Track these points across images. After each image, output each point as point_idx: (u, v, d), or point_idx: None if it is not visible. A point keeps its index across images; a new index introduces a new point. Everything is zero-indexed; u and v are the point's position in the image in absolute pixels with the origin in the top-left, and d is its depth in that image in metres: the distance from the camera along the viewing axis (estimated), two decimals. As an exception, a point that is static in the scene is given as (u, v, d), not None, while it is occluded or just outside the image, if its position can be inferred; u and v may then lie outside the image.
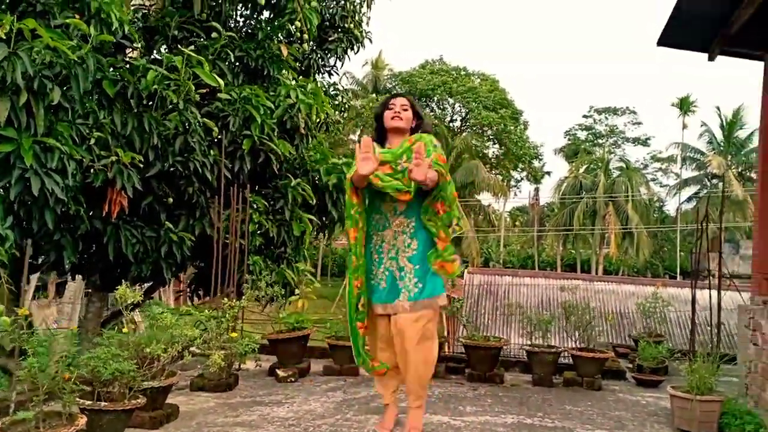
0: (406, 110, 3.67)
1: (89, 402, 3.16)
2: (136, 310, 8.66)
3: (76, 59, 3.91)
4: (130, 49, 5.80)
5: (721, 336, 6.16)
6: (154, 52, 6.34)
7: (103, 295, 6.92)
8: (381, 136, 3.76)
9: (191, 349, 4.51)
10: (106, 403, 3.20)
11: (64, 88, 4.06)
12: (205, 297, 7.71)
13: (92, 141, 4.75)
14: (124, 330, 3.69)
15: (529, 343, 5.69)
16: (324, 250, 37.58)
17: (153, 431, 3.71)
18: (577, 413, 4.50)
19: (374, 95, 38.54)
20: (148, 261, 5.92)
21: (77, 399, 3.08)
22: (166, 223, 5.86)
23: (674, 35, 5.01)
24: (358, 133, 35.46)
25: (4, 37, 3.67)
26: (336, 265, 40.24)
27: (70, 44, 3.93)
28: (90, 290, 7.05)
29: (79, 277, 7.37)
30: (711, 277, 6.36)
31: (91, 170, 4.84)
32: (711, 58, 5.23)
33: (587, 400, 4.95)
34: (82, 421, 2.89)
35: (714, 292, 5.18)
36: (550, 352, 5.45)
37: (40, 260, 5.60)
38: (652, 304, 6.25)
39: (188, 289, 7.65)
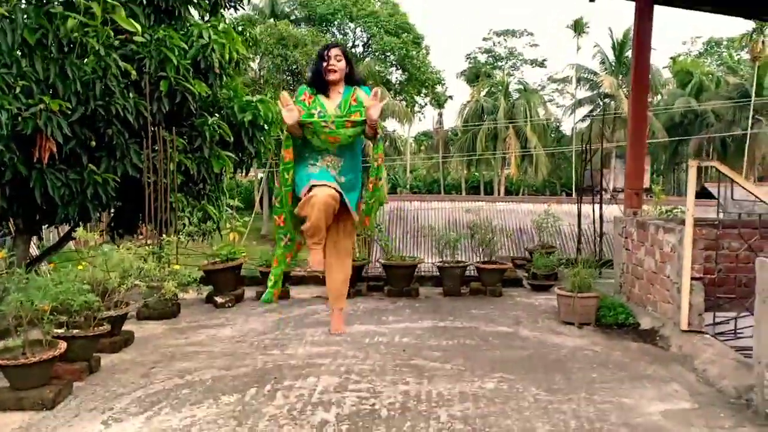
0: (339, 60, 4.22)
1: (61, 331, 3.56)
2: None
3: (5, 14, 4.03)
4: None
5: (603, 245, 7.15)
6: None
7: (27, 238, 7.04)
8: (320, 84, 4.26)
9: (137, 281, 4.89)
10: (77, 331, 3.60)
11: (-7, 41, 4.17)
12: (126, 235, 7.95)
13: (18, 90, 4.87)
14: (80, 267, 4.03)
15: (440, 260, 6.41)
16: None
17: (114, 354, 4.15)
18: (481, 315, 5.30)
19: (272, 20, 37.52)
20: (74, 203, 6.11)
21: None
22: (89, 165, 6.04)
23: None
24: (257, 61, 34.61)
25: (-67, -6, 3.75)
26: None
27: (-3, -1, 4.03)
28: (14, 234, 7.13)
29: None
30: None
31: (20, 118, 4.97)
32: (592, 0, 5.89)
33: (490, 304, 5.77)
34: (63, 345, 3.30)
35: (592, 207, 6.02)
36: (458, 267, 6.21)
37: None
38: (545, 219, 7.10)
39: (108, 228, 7.86)
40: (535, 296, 6.19)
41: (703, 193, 25.06)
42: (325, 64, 4.19)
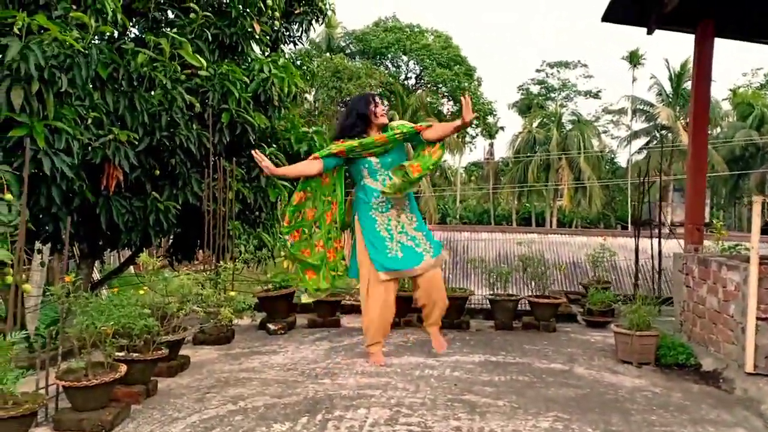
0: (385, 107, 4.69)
1: (122, 354, 3.67)
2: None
3: (81, 49, 4.27)
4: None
5: (662, 281, 6.96)
6: (133, 31, 6.62)
7: (90, 262, 7.32)
8: (362, 125, 4.68)
9: (195, 307, 5.02)
10: (136, 355, 3.71)
11: (69, 75, 4.42)
12: (184, 261, 8.19)
13: (89, 121, 5.12)
14: (141, 291, 4.17)
15: (491, 293, 6.36)
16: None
17: (170, 378, 4.25)
18: (534, 351, 5.21)
19: (328, 54, 38.40)
20: (137, 229, 6.34)
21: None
22: (153, 193, 6.27)
23: (616, 13, 5.60)
24: (313, 92, 35.38)
25: (18, 32, 4.01)
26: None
27: (75, 36, 4.28)
28: (78, 258, 7.42)
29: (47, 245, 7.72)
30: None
31: (90, 148, 5.22)
32: (649, 33, 5.84)
33: (543, 340, 5.66)
34: (124, 368, 3.40)
35: (651, 241, 5.88)
36: (510, 300, 6.14)
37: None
38: (600, 253, 6.97)
39: (167, 253, 8.11)
40: (590, 333, 6.05)
41: (765, 230, 24.18)
42: (374, 107, 4.62)
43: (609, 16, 5.63)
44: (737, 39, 5.79)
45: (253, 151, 4.67)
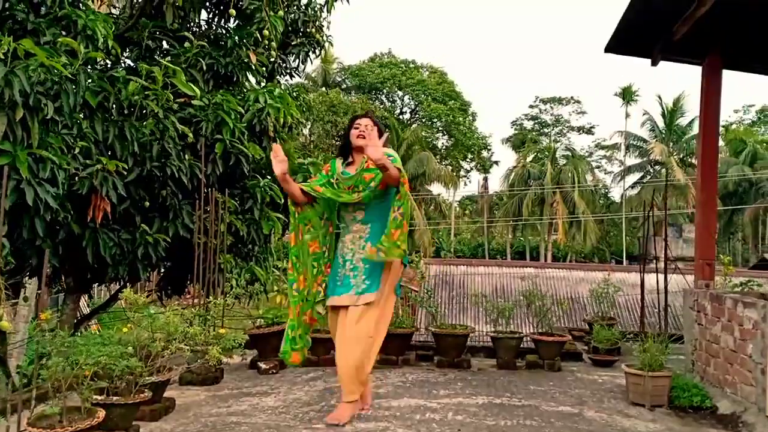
0: (370, 129, 4.06)
1: (101, 397, 3.42)
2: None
3: (69, 75, 4.10)
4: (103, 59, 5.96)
5: (668, 317, 6.74)
6: (126, 60, 6.49)
7: (76, 296, 7.06)
8: (345, 151, 4.21)
9: (181, 345, 4.76)
10: (117, 398, 3.46)
11: (56, 102, 4.24)
12: (174, 295, 7.93)
13: (77, 150, 4.93)
14: (124, 329, 3.93)
15: (492, 329, 6.12)
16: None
17: (153, 422, 3.97)
18: (540, 392, 4.95)
19: (324, 89, 38.63)
20: (124, 263, 6.10)
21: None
22: (142, 225, 6.06)
23: (620, 44, 5.49)
24: (309, 126, 35.46)
25: (2, 57, 3.84)
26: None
27: (62, 61, 4.12)
28: (64, 293, 7.16)
29: (34, 279, 7.48)
30: (656, 261, 6.93)
31: (76, 178, 5.02)
32: (654, 64, 5.73)
33: (549, 380, 5.41)
34: (102, 414, 3.15)
35: (660, 276, 5.68)
36: (513, 338, 5.90)
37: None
38: (604, 289, 6.76)
39: (156, 288, 7.85)
40: (597, 372, 5.80)
41: (761, 265, 24.03)
42: (354, 131, 4.11)
43: (612, 47, 5.52)
44: (746, 71, 5.68)
45: (273, 144, 4.25)
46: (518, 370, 5.83)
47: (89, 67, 5.27)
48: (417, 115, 42.16)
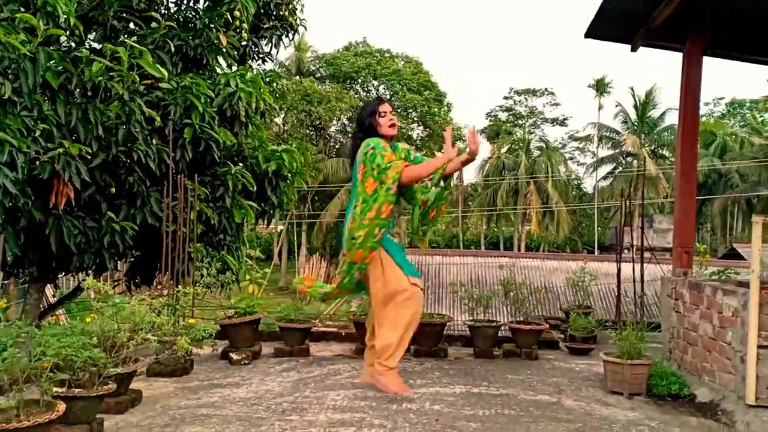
0: (394, 115, 4.38)
1: (62, 390, 3.24)
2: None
3: (27, 53, 3.89)
4: (66, 40, 5.71)
5: (643, 306, 6.72)
6: (91, 41, 6.23)
7: (40, 286, 6.81)
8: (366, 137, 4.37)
9: (148, 335, 4.59)
10: (79, 390, 3.29)
11: (14, 83, 4.02)
12: (142, 285, 7.70)
13: (38, 133, 4.71)
14: (88, 319, 3.75)
15: (470, 318, 6.04)
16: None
17: (119, 415, 3.81)
18: (518, 381, 4.89)
19: (298, 77, 38.24)
20: (90, 251, 5.89)
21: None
22: (108, 213, 5.84)
23: (600, 29, 5.40)
24: (282, 116, 35.12)
25: (-47, 31, 3.61)
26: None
27: (21, 38, 3.89)
28: (27, 283, 6.90)
29: None
30: (628, 251, 6.91)
31: (37, 162, 4.80)
32: (634, 50, 5.66)
33: (526, 369, 5.35)
34: (62, 407, 2.98)
35: (633, 265, 5.64)
36: (490, 326, 5.83)
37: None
38: (580, 278, 6.73)
39: (125, 278, 7.62)
40: (573, 360, 5.75)
41: (730, 255, 24.44)
42: (384, 119, 4.30)
43: (592, 32, 5.44)
44: (728, 57, 5.65)
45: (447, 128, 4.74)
46: (495, 359, 5.76)
47: (51, 47, 5.03)
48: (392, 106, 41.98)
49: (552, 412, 4.02)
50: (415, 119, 41.83)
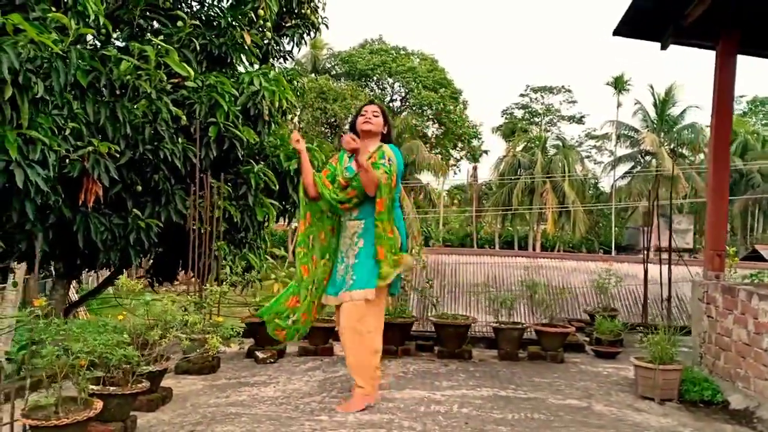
0: (377, 116, 4.21)
1: (97, 387, 3.26)
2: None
3: (59, 52, 3.91)
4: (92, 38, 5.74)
5: (671, 308, 6.64)
6: (115, 40, 6.26)
7: (66, 282, 6.87)
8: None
9: (178, 333, 4.61)
10: (114, 388, 3.31)
11: (46, 82, 4.05)
12: (165, 282, 7.75)
13: (67, 131, 4.74)
14: (120, 317, 3.77)
15: (494, 320, 6.00)
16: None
17: (151, 413, 3.83)
18: (545, 384, 4.84)
19: (314, 75, 38.27)
20: (116, 248, 5.93)
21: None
22: (134, 210, 5.88)
23: (630, 27, 5.32)
24: (298, 113, 35.12)
25: (-11, 31, 3.64)
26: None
27: (53, 38, 3.91)
28: (54, 278, 6.96)
29: (23, 263, 7.28)
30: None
31: (67, 160, 4.83)
32: (664, 48, 5.56)
33: (552, 372, 5.30)
34: (99, 405, 2.99)
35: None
36: (516, 329, 5.78)
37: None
38: (605, 279, 6.65)
39: (147, 274, 7.67)
40: (600, 364, 5.69)
41: (752, 257, 24.11)
42: (361, 118, 4.20)
43: (621, 31, 5.37)
44: (759, 56, 5.55)
45: (293, 132, 4.39)
46: (520, 361, 5.71)
47: (79, 45, 5.07)
48: (407, 103, 41.84)
49: (583, 417, 3.98)
50: (430, 117, 41.71)
